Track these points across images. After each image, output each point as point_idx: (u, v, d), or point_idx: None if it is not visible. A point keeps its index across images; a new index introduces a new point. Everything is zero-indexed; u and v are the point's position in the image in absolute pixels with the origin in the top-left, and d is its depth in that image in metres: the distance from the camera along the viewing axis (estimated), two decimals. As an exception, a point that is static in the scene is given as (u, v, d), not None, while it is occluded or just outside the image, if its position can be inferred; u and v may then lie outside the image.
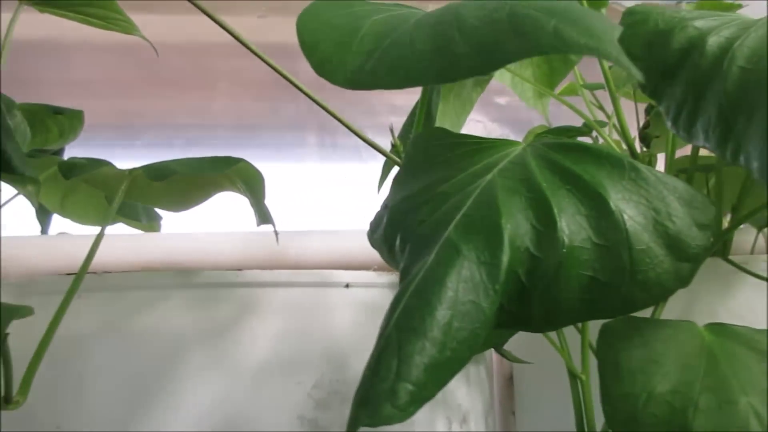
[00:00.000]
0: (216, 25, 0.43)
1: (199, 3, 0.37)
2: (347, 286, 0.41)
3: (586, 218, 0.25)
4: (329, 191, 1.16)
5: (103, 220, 0.58)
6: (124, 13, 0.35)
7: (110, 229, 0.59)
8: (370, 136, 1.32)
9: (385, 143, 1.34)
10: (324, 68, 0.26)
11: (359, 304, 0.41)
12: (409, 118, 0.52)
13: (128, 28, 0.34)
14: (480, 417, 0.46)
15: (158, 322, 0.37)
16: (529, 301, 0.24)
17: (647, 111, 0.52)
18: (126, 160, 0.56)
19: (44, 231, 0.59)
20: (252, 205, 0.39)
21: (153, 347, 0.38)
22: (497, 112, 1.24)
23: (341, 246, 0.53)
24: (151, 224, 0.57)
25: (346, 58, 0.26)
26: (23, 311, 0.26)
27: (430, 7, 0.31)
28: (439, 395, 0.21)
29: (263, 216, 0.38)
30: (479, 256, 0.23)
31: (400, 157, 0.40)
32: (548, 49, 0.21)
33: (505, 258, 0.23)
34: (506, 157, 0.29)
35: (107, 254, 0.50)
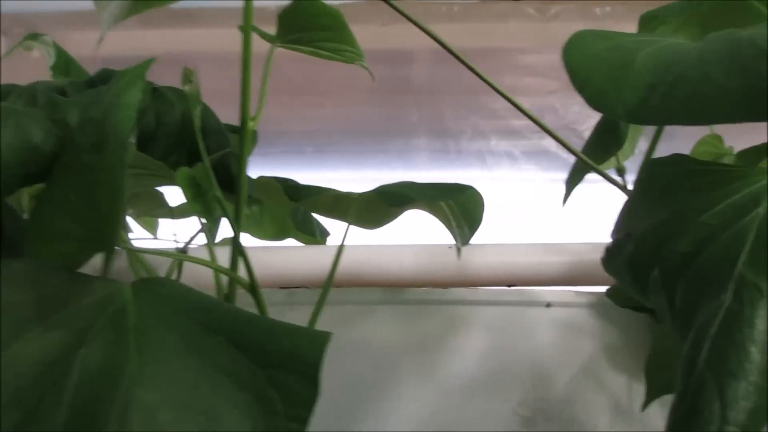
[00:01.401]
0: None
1: (398, 7, 0.38)
2: (548, 305, 0.41)
3: None
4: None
5: (281, 234, 0.61)
6: (356, 43, 0.37)
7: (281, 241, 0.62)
8: (495, 140, 1.30)
9: (511, 147, 1.31)
10: (600, 101, 0.26)
11: (560, 323, 0.41)
12: (594, 136, 0.51)
13: (353, 57, 0.36)
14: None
15: (368, 335, 0.39)
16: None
17: None
18: (264, 168, 0.59)
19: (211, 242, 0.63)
20: (454, 227, 0.40)
21: (362, 360, 0.40)
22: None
23: (515, 260, 0.53)
24: (321, 239, 0.60)
25: (623, 91, 0.26)
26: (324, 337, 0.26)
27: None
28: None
29: (466, 238, 0.38)
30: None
31: (623, 178, 0.39)
32: None
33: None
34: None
35: (289, 266, 0.53)
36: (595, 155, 0.46)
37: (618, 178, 0.45)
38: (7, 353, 0.24)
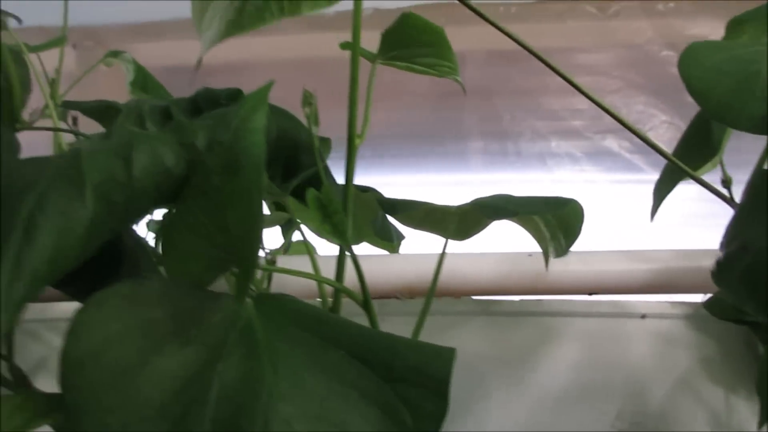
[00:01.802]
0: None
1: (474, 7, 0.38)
2: (643, 316, 0.41)
3: None
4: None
5: (356, 239, 0.62)
6: (454, 58, 0.37)
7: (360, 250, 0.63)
8: (556, 141, 1.28)
9: (572, 148, 1.29)
10: (724, 114, 0.26)
11: (655, 335, 0.41)
12: (685, 142, 0.50)
13: (449, 72, 0.37)
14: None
15: (458, 347, 0.39)
16: None
17: None
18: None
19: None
20: (547, 238, 0.40)
21: (455, 370, 0.40)
22: (690, 112, 1.16)
23: (596, 268, 0.53)
24: (395, 245, 0.60)
25: (748, 104, 0.25)
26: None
27: None
28: None
29: (562, 250, 0.38)
30: None
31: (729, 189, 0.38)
32: None
33: None
34: None
35: (374, 275, 0.54)
36: (687, 162, 0.45)
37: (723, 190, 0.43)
38: (149, 368, 0.25)
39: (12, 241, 0.23)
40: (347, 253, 0.32)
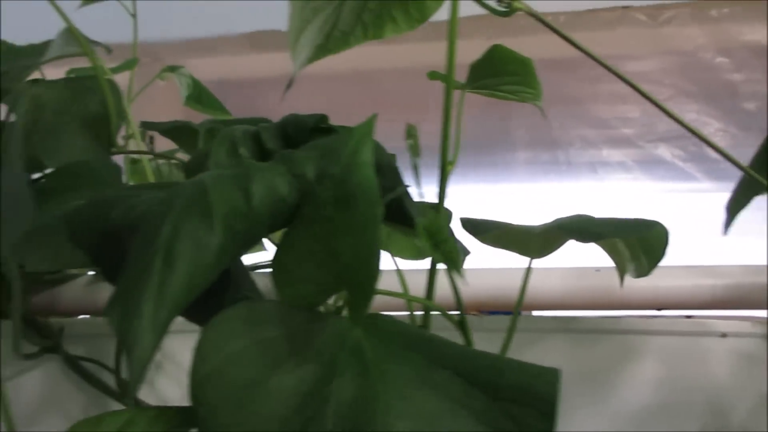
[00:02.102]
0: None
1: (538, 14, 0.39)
2: (724, 335, 0.41)
3: None
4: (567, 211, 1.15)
5: (422, 254, 0.63)
6: (538, 86, 0.38)
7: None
8: (607, 150, 1.27)
9: (623, 156, 1.28)
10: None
11: (736, 353, 0.41)
12: (764, 153, 0.49)
13: (530, 98, 0.38)
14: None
15: (541, 362, 0.40)
16: None
17: None
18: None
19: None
20: (626, 258, 0.40)
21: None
22: (746, 119, 1.14)
23: (664, 283, 0.53)
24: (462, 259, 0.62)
25: None
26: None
27: None
28: None
29: (643, 271, 0.39)
30: None
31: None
32: None
33: None
34: None
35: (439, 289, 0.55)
36: (763, 174, 0.44)
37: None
38: (269, 385, 0.27)
39: (155, 269, 0.25)
40: (450, 275, 0.33)
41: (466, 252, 0.61)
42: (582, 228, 0.35)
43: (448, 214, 0.58)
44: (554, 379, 0.26)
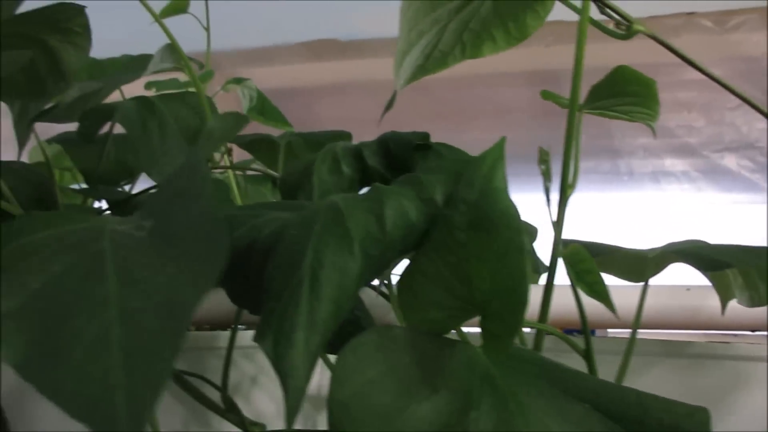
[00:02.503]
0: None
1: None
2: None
3: None
4: (629, 221, 1.13)
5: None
6: (657, 107, 0.37)
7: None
8: (670, 160, 1.24)
9: (687, 166, 1.25)
10: None
11: None
12: None
13: (643, 118, 0.37)
14: None
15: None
16: None
17: None
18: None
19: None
20: (737, 285, 0.39)
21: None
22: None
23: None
24: (537, 277, 0.61)
25: None
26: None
27: None
28: None
29: (761, 300, 0.38)
30: None
31: None
32: None
33: None
34: None
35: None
36: None
37: None
38: (408, 413, 0.27)
39: (303, 297, 0.25)
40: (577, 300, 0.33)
41: (544, 267, 0.60)
42: (704, 255, 0.34)
43: (533, 231, 0.57)
44: (706, 420, 0.25)
